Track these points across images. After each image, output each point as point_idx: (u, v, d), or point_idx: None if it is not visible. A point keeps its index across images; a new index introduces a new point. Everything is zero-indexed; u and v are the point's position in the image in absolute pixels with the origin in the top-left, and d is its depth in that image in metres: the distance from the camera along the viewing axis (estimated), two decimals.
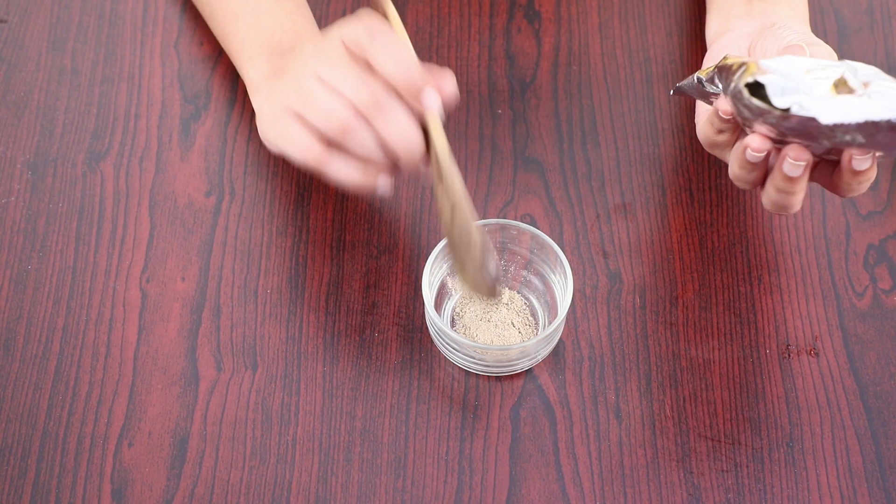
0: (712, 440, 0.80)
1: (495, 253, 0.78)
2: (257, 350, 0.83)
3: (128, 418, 0.81)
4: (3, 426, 0.80)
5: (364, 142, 0.72)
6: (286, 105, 0.75)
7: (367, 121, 0.72)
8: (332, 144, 0.74)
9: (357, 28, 0.72)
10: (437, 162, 0.73)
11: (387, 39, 0.71)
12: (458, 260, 0.76)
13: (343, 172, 0.74)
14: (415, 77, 0.71)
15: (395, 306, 0.85)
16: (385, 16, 0.73)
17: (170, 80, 0.95)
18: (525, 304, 0.84)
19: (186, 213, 0.89)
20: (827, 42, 0.98)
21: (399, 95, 0.72)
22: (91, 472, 0.79)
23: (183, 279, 0.86)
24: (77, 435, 0.80)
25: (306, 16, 0.88)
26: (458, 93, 0.72)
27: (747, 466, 0.79)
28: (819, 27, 0.99)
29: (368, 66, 0.72)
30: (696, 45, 0.98)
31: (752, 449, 0.80)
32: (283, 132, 0.75)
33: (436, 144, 0.72)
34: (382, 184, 0.75)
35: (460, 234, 0.74)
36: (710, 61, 0.84)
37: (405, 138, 0.72)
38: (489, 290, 0.76)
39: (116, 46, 0.97)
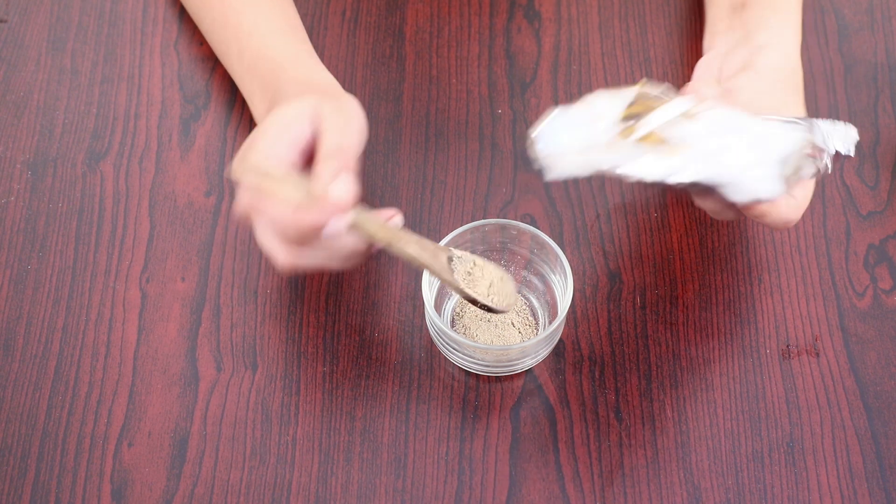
0: (712, 440, 0.80)
1: (498, 280, 0.80)
2: (257, 350, 0.83)
3: (128, 418, 0.81)
4: (3, 426, 0.80)
5: (315, 264, 0.75)
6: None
7: (302, 256, 0.74)
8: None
9: (241, 207, 0.75)
10: (386, 248, 0.76)
11: (262, 213, 0.73)
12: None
13: (332, 267, 0.77)
14: (306, 227, 0.72)
15: (395, 306, 0.85)
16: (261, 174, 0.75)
17: (169, 80, 0.95)
18: (525, 304, 0.84)
19: (186, 213, 0.89)
20: (827, 42, 0.98)
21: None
22: (91, 472, 0.79)
23: (183, 279, 0.86)
24: (77, 435, 0.80)
25: (295, 36, 0.87)
26: (352, 192, 0.73)
27: (747, 466, 0.79)
28: (819, 27, 0.99)
29: None
30: (696, 46, 0.97)
31: (752, 449, 0.80)
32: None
33: (375, 239, 0.74)
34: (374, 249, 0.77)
35: (447, 284, 0.77)
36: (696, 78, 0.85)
37: (341, 249, 0.74)
38: (490, 309, 0.78)
39: (116, 46, 0.97)
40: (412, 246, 0.75)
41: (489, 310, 0.77)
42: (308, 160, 0.76)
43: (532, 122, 0.93)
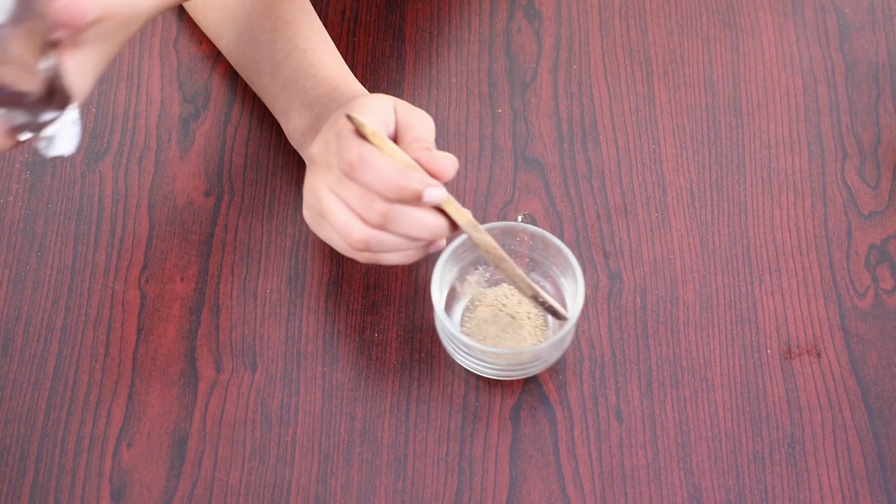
0: (713, 440, 0.80)
1: (539, 286, 0.82)
2: (257, 350, 0.83)
3: (127, 419, 0.80)
4: (2, 427, 0.80)
5: (390, 243, 0.75)
6: (315, 211, 0.77)
7: (384, 230, 0.74)
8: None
9: (341, 164, 0.74)
10: (467, 234, 0.77)
11: (367, 168, 0.73)
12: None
13: (387, 261, 0.77)
14: (409, 189, 0.73)
15: (395, 306, 0.85)
16: (362, 131, 0.74)
17: (169, 80, 0.95)
18: (536, 306, 0.84)
19: (186, 213, 0.89)
20: (828, 41, 0.98)
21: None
22: (90, 472, 0.78)
23: (182, 279, 0.86)
24: (76, 435, 0.80)
25: (333, 52, 0.88)
26: (453, 168, 0.75)
27: (748, 467, 0.79)
28: (820, 26, 0.99)
29: None
30: (696, 45, 0.97)
31: (753, 449, 0.80)
32: (322, 235, 0.78)
33: (457, 222, 0.76)
34: (434, 249, 0.79)
35: (511, 282, 0.79)
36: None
37: (425, 230, 0.75)
38: (563, 318, 0.80)
39: None
40: (489, 237, 0.77)
41: (556, 314, 0.79)
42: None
43: (532, 122, 0.93)
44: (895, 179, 0.91)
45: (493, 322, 0.82)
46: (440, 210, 0.76)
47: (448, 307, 0.82)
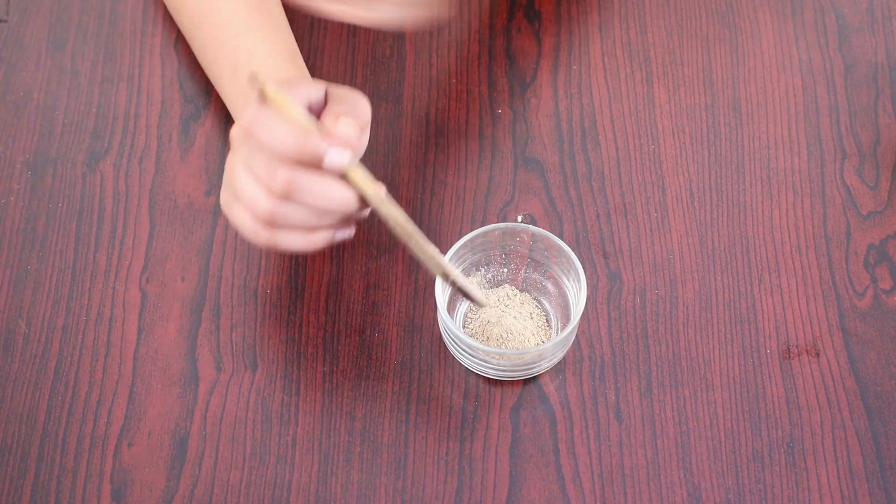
0: (712, 440, 0.80)
1: (457, 269, 0.80)
2: (257, 350, 0.83)
3: (127, 418, 0.80)
4: (3, 426, 0.80)
5: (297, 216, 0.73)
6: (229, 192, 0.75)
7: (290, 200, 0.72)
8: (272, 224, 0.74)
9: (242, 121, 0.73)
10: (375, 209, 0.74)
11: (263, 125, 0.71)
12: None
13: (292, 244, 0.75)
14: (307, 146, 0.71)
15: (395, 306, 0.85)
16: (264, 90, 0.73)
17: (169, 80, 0.95)
18: (538, 306, 0.84)
19: (186, 213, 0.89)
20: (828, 41, 0.98)
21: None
22: (91, 472, 0.79)
23: (183, 279, 0.86)
24: (77, 435, 0.80)
25: (281, 51, 0.86)
26: (357, 138, 0.73)
27: (747, 467, 0.79)
28: (819, 26, 0.99)
29: None
30: (696, 45, 0.97)
31: (752, 449, 0.80)
32: (232, 218, 0.76)
33: (364, 195, 0.73)
34: (340, 235, 0.76)
35: (423, 261, 0.76)
36: None
37: (331, 200, 0.72)
38: (476, 301, 0.79)
39: (116, 46, 0.97)
40: (400, 211, 0.74)
41: (468, 297, 0.78)
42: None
43: (532, 122, 0.93)
44: (894, 180, 0.91)
45: (496, 323, 0.82)
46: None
47: (450, 308, 0.82)
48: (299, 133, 0.71)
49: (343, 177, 0.72)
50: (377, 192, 0.73)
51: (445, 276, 0.77)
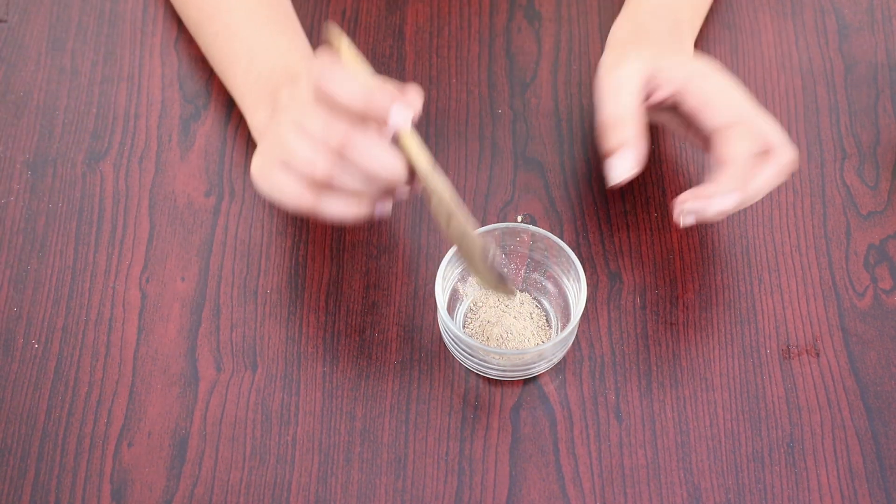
0: (712, 440, 0.80)
1: (498, 251, 0.80)
2: (257, 350, 0.83)
3: (127, 418, 0.80)
4: (3, 426, 0.80)
5: (349, 179, 0.73)
6: (273, 157, 0.75)
7: (344, 159, 0.73)
8: (322, 187, 0.74)
9: (312, 73, 0.73)
10: (422, 178, 0.74)
11: (334, 77, 0.72)
12: (468, 262, 0.78)
13: (337, 210, 0.75)
14: (375, 101, 0.71)
15: (395, 306, 0.85)
16: (338, 49, 0.74)
17: (169, 80, 0.95)
18: (537, 306, 0.84)
19: (186, 213, 0.89)
20: (828, 41, 0.98)
21: (368, 125, 0.72)
22: (91, 472, 0.79)
23: (183, 279, 0.86)
24: (77, 435, 0.80)
25: (301, 47, 0.87)
26: (421, 107, 0.73)
27: (747, 466, 0.79)
28: (819, 26, 0.99)
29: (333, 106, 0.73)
30: (696, 45, 0.97)
31: (752, 449, 0.80)
32: (274, 184, 0.76)
33: (415, 162, 0.73)
34: (379, 210, 0.77)
35: (460, 240, 0.76)
36: (611, 94, 0.83)
37: (382, 166, 0.73)
38: (498, 286, 0.78)
39: (116, 46, 0.97)
40: (447, 185, 0.74)
41: (504, 286, 0.77)
42: None
43: (532, 122, 0.93)
44: (894, 180, 0.91)
45: (496, 323, 0.82)
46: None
47: (450, 308, 0.82)
48: (368, 87, 0.71)
49: (397, 143, 0.73)
50: (427, 162, 0.73)
51: (487, 263, 0.76)
